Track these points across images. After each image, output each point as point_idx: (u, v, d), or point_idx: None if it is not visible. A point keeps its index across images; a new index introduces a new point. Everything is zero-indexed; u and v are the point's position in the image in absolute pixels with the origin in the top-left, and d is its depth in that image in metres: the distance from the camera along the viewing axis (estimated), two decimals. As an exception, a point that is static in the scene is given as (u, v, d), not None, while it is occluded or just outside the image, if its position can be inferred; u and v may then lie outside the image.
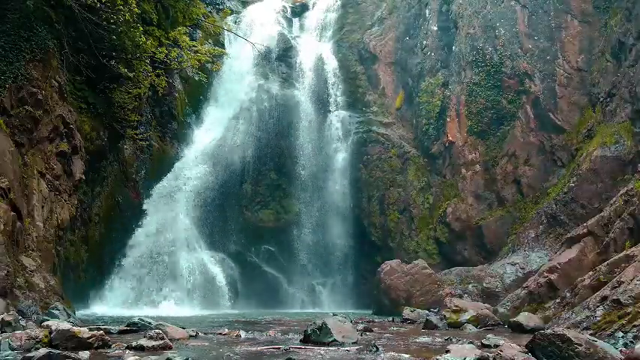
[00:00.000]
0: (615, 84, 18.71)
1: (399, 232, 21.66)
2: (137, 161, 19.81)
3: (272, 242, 22.01)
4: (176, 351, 7.62)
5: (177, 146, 21.70)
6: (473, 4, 22.03)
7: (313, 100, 23.72)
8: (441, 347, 8.47)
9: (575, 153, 19.43)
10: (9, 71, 13.04)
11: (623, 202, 13.42)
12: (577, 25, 20.39)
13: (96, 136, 16.94)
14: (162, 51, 17.12)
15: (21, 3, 13.43)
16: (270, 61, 24.26)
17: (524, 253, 18.41)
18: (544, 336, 7.00)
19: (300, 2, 27.67)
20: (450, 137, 21.50)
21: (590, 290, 11.18)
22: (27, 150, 13.57)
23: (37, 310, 11.51)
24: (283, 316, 16.31)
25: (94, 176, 17.43)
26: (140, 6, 16.15)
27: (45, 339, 7.67)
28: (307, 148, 22.88)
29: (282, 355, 7.63)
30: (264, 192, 22.46)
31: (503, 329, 12.25)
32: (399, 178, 22.23)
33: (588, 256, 13.73)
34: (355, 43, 25.15)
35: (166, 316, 14.65)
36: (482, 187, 20.84)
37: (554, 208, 18.63)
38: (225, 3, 26.35)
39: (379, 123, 23.39)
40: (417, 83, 23.10)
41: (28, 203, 13.07)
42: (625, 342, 8.25)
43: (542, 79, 20.51)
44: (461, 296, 17.28)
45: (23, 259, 12.38)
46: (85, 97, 16.51)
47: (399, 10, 25.02)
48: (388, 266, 18.65)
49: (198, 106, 23.07)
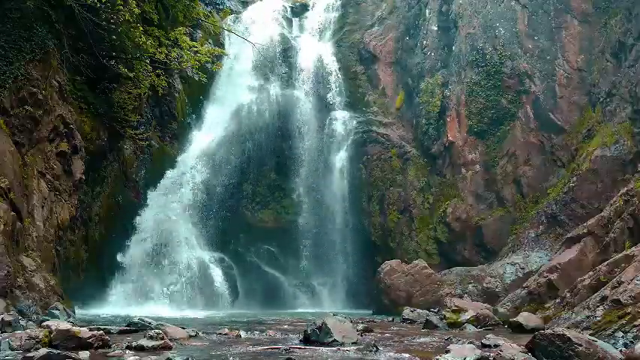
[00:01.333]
0: (615, 84, 18.71)
1: (399, 232, 21.65)
2: (137, 161, 19.81)
3: (272, 242, 22.00)
4: (176, 351, 7.62)
5: (178, 146, 21.69)
6: (473, 4, 22.02)
7: (313, 100, 23.70)
8: (441, 347, 8.47)
9: (575, 153, 19.43)
10: (9, 71, 13.04)
11: (623, 202, 13.42)
12: (577, 25, 20.39)
13: (96, 136, 16.94)
14: (163, 51, 17.12)
15: (21, 3, 13.43)
16: (270, 62, 24.25)
17: (524, 253, 18.40)
18: (544, 336, 7.00)
19: (300, 2, 27.65)
20: (450, 137, 21.49)
21: (590, 290, 11.18)
22: (27, 150, 13.58)
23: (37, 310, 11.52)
24: (283, 316, 16.30)
25: (94, 176, 17.43)
26: (140, 6, 16.16)
27: (45, 339, 7.67)
28: (307, 148, 22.86)
29: (282, 355, 7.62)
30: (264, 192, 22.46)
31: (503, 329, 12.24)
32: (399, 178, 22.22)
33: (588, 256, 13.74)
34: (355, 43, 25.14)
35: (166, 316, 14.65)
36: (482, 187, 20.84)
37: (554, 208, 18.63)
38: (225, 3, 26.35)
39: (379, 123, 23.37)
40: (417, 83, 23.09)
41: (28, 203, 13.07)
42: (625, 342, 8.24)
43: (542, 79, 20.51)
44: (461, 296, 17.27)
45: (23, 259, 12.38)
46: (85, 97, 16.51)
47: (399, 10, 25.00)
48: (388, 266, 18.65)
49: (198, 106, 23.06)
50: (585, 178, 18.07)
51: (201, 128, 22.74)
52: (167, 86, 19.65)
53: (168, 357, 6.74)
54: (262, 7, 26.77)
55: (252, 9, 26.62)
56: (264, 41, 23.41)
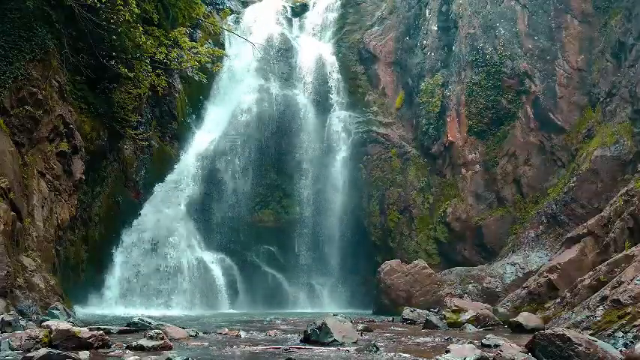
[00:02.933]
0: (615, 84, 18.72)
1: (399, 232, 21.65)
2: (137, 161, 19.81)
3: (272, 242, 22.00)
4: (176, 351, 7.62)
5: (178, 146, 21.69)
6: (473, 4, 22.02)
7: (313, 100, 23.70)
8: (441, 347, 8.47)
9: (575, 153, 19.43)
10: (9, 71, 13.05)
11: (623, 202, 13.43)
12: (577, 25, 20.39)
13: (96, 136, 16.94)
14: (163, 51, 17.12)
15: (21, 3, 13.43)
16: (270, 62, 24.24)
17: (524, 253, 18.41)
18: (544, 336, 7.00)
19: (300, 2, 27.64)
20: (450, 137, 21.49)
21: (590, 290, 11.18)
22: (27, 150, 13.58)
23: (37, 310, 11.52)
24: (283, 316, 16.31)
25: (94, 176, 17.43)
26: (140, 6, 16.15)
27: (45, 339, 7.68)
28: (307, 148, 22.86)
29: (282, 354, 7.63)
30: (264, 192, 22.45)
31: (503, 329, 12.25)
32: (399, 178, 22.22)
33: (588, 256, 13.75)
34: (355, 43, 25.13)
35: (166, 315, 14.67)
36: (482, 187, 20.84)
37: (554, 208, 18.63)
38: (225, 3, 26.33)
39: (379, 123, 23.36)
40: (417, 83, 23.09)
41: (28, 203, 13.07)
42: (625, 342, 8.25)
43: (542, 79, 20.51)
44: (461, 296, 17.27)
45: (23, 259, 12.38)
46: (85, 97, 16.51)
47: (399, 10, 24.99)
48: (388, 266, 18.65)
49: (198, 106, 23.06)
50: (585, 178, 18.07)
51: (201, 128, 22.74)
52: (167, 86, 19.64)
53: (168, 357, 6.74)
54: (262, 7, 26.78)
55: (252, 9, 26.62)
56: (264, 41, 23.41)
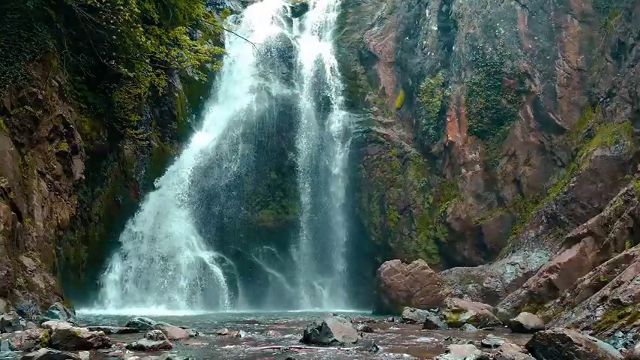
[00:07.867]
0: (615, 84, 18.71)
1: (399, 232, 21.66)
2: (137, 161, 19.82)
3: (272, 242, 22.01)
4: (176, 351, 7.62)
5: (177, 146, 21.69)
6: (473, 4, 22.02)
7: (313, 100, 23.71)
8: (441, 347, 8.47)
9: (575, 153, 19.43)
10: (9, 71, 13.05)
11: (623, 202, 13.42)
12: (577, 25, 20.39)
13: (96, 136, 16.94)
14: (163, 50, 17.13)
15: (21, 3, 13.44)
16: (270, 61, 24.24)
17: (524, 253, 18.40)
18: (544, 336, 7.00)
19: (300, 2, 27.64)
20: (450, 137, 21.49)
21: (590, 290, 11.18)
22: (27, 150, 13.58)
23: (37, 310, 11.52)
24: (283, 316, 16.31)
25: (94, 176, 17.44)
26: (141, 5, 16.16)
27: (45, 339, 7.68)
28: (307, 148, 22.87)
29: (282, 355, 7.63)
30: (264, 192, 22.45)
31: (503, 329, 12.25)
32: (399, 178, 22.22)
33: (588, 256, 13.74)
34: (355, 43, 25.13)
35: (166, 315, 14.66)
36: (483, 187, 20.84)
37: (554, 208, 18.62)
38: (225, 3, 26.33)
39: (379, 123, 23.37)
40: (417, 83, 23.09)
41: (28, 203, 13.07)
42: (625, 342, 8.24)
43: (542, 79, 20.51)
44: (461, 296, 17.28)
45: (23, 259, 12.39)
46: (85, 97, 16.51)
47: (399, 10, 25.00)
48: (388, 266, 18.64)
49: (198, 106, 23.06)
50: (585, 178, 18.06)
51: (201, 128, 22.73)
52: (167, 86, 19.66)
53: (168, 357, 6.73)
54: (262, 7, 26.77)
55: (252, 9, 26.62)
56: (264, 41, 23.41)
